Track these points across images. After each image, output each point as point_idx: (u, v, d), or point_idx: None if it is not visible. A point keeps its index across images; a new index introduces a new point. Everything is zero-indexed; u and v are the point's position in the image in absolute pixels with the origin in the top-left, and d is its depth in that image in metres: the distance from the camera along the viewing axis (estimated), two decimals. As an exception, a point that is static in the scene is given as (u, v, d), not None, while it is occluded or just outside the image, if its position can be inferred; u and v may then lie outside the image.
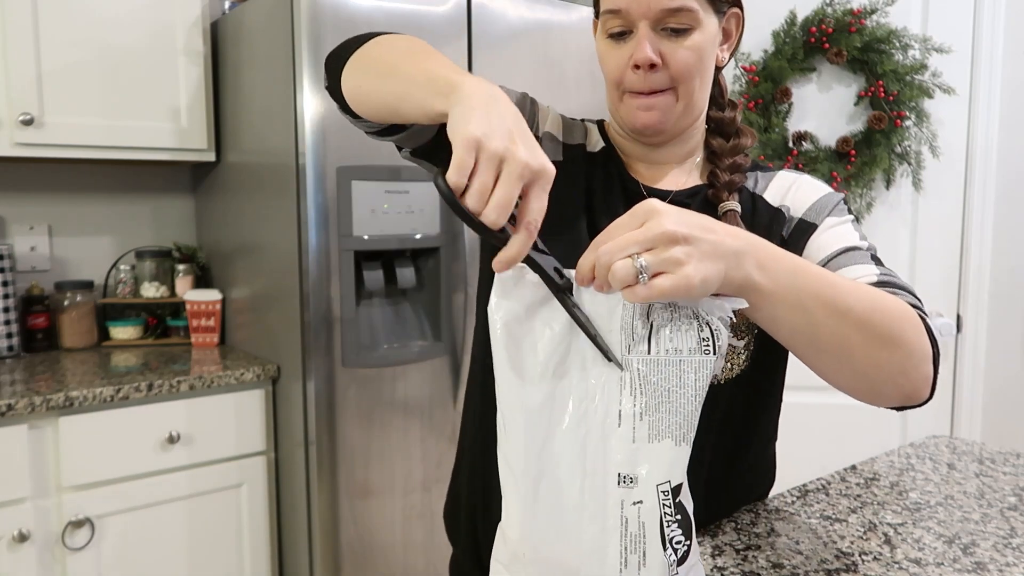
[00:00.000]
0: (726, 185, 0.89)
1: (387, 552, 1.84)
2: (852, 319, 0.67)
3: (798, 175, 0.93)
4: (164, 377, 1.74)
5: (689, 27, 0.82)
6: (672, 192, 0.91)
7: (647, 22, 0.81)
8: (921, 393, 0.72)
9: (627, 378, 0.62)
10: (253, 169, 1.96)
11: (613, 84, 0.87)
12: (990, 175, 2.05)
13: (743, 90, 2.08)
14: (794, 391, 2.13)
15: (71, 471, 1.64)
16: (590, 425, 0.63)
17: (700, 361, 0.61)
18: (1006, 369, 2.12)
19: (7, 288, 1.94)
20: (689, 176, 0.93)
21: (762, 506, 0.96)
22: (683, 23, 0.81)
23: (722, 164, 0.91)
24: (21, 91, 1.81)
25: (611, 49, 0.85)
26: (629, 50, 0.83)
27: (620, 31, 0.83)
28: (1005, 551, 0.82)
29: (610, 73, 0.86)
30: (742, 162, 0.91)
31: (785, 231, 0.89)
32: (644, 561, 0.61)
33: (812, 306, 0.66)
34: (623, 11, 0.81)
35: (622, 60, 0.84)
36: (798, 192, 0.90)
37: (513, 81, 1.91)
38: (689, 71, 0.83)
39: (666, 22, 0.81)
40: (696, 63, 0.83)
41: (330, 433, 1.75)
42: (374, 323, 1.85)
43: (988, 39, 2.01)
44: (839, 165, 2.03)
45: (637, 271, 0.57)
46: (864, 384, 0.71)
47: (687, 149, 0.93)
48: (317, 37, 1.67)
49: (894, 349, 0.69)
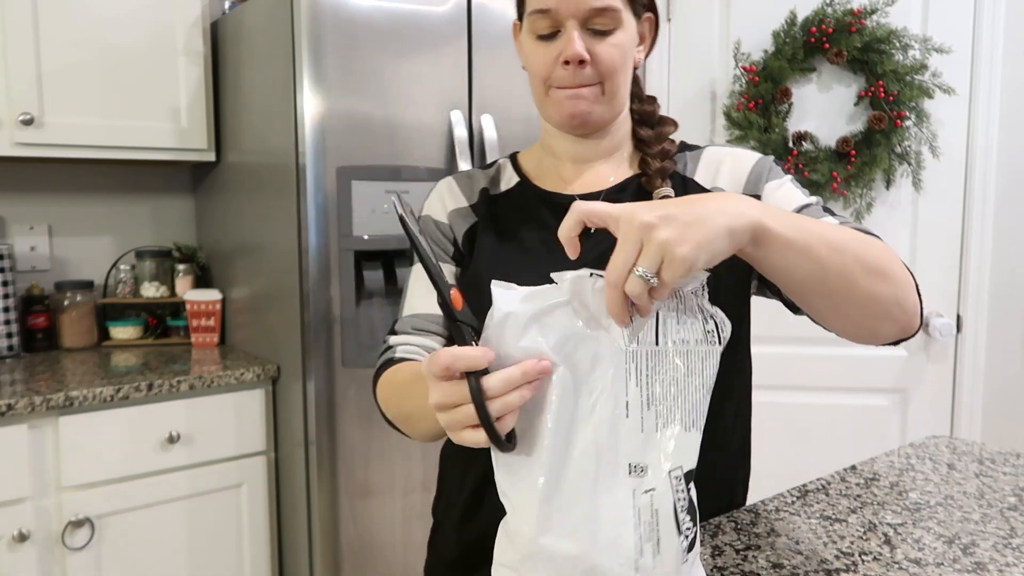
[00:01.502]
0: (658, 172, 0.92)
1: (387, 552, 1.84)
2: (850, 254, 0.70)
3: (725, 149, 0.96)
4: (164, 377, 1.74)
5: (613, 27, 0.87)
6: (602, 192, 0.94)
7: (575, 21, 0.86)
8: (914, 323, 0.77)
9: (633, 369, 0.62)
10: (253, 169, 1.96)
11: (540, 80, 0.90)
12: (990, 175, 2.05)
13: (743, 90, 2.08)
14: (794, 391, 2.15)
15: (71, 471, 1.64)
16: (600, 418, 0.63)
17: (707, 351, 0.63)
18: (1006, 369, 2.11)
19: (7, 288, 1.94)
20: (618, 169, 0.96)
21: (762, 506, 0.96)
22: (608, 23, 0.87)
23: (651, 151, 0.94)
24: (21, 91, 1.81)
25: (539, 48, 0.89)
26: (557, 48, 0.87)
27: (548, 31, 0.88)
28: (1005, 551, 0.82)
29: (538, 70, 0.90)
30: (669, 148, 0.95)
31: None
32: (658, 549, 0.61)
33: (816, 244, 0.68)
34: (552, 11, 0.86)
35: (550, 57, 0.88)
36: (731, 168, 0.93)
37: (512, 81, 1.92)
38: (615, 66, 0.88)
39: (593, 22, 0.86)
40: (620, 59, 0.88)
41: (330, 433, 1.75)
42: (374, 323, 1.85)
43: (988, 39, 2.01)
44: (839, 165, 2.03)
45: (645, 281, 0.58)
46: (867, 320, 0.74)
47: (614, 142, 0.96)
48: (317, 37, 1.67)
49: (888, 279, 0.73)
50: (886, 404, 2.14)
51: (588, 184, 0.95)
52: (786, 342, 2.02)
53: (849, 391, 2.13)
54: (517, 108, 1.94)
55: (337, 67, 1.69)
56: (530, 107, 2.03)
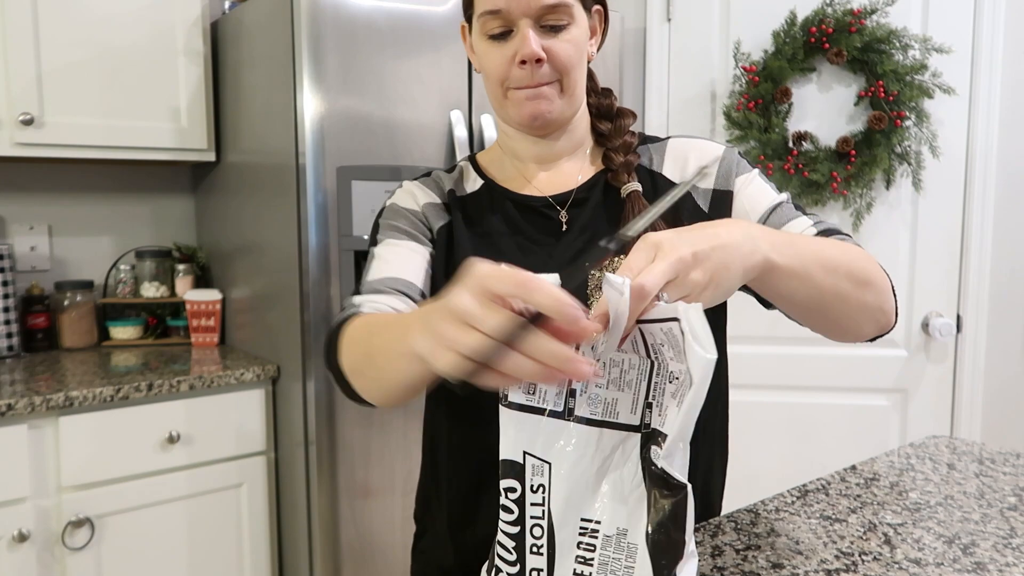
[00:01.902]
0: (624, 166, 0.92)
1: (387, 552, 1.84)
2: (842, 272, 0.74)
3: (690, 141, 0.96)
4: (164, 377, 1.74)
5: (566, 22, 0.86)
6: (572, 192, 0.93)
7: (528, 19, 0.85)
8: (891, 320, 0.83)
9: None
10: (253, 169, 1.96)
11: (497, 82, 0.89)
12: (990, 175, 2.05)
13: (743, 90, 2.08)
14: (794, 391, 2.15)
15: (71, 471, 1.64)
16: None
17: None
18: (1006, 369, 2.12)
19: (7, 288, 1.94)
20: (583, 165, 0.96)
21: (762, 506, 0.96)
22: (561, 19, 0.86)
23: (613, 144, 0.94)
24: (21, 91, 1.81)
25: (492, 49, 0.88)
26: (512, 48, 0.86)
27: (501, 31, 0.86)
28: (1005, 551, 0.82)
29: (493, 72, 0.88)
30: (631, 140, 0.94)
31: (704, 205, 0.91)
32: None
33: (813, 269, 0.72)
34: (503, 11, 0.85)
35: (505, 58, 0.86)
36: (699, 162, 0.93)
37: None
38: (571, 63, 0.87)
39: (546, 19, 0.85)
40: (576, 55, 0.88)
41: (330, 433, 1.75)
42: (374, 323, 1.85)
43: (988, 39, 2.01)
44: (839, 165, 2.03)
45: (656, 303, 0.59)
46: (853, 325, 0.80)
47: (576, 139, 0.96)
48: (317, 37, 1.67)
49: (872, 287, 0.78)
50: (886, 404, 2.14)
51: (557, 185, 0.94)
52: (786, 342, 2.02)
53: (849, 391, 2.13)
54: (517, 108, 1.94)
55: (337, 67, 1.69)
56: (530, 107, 2.02)
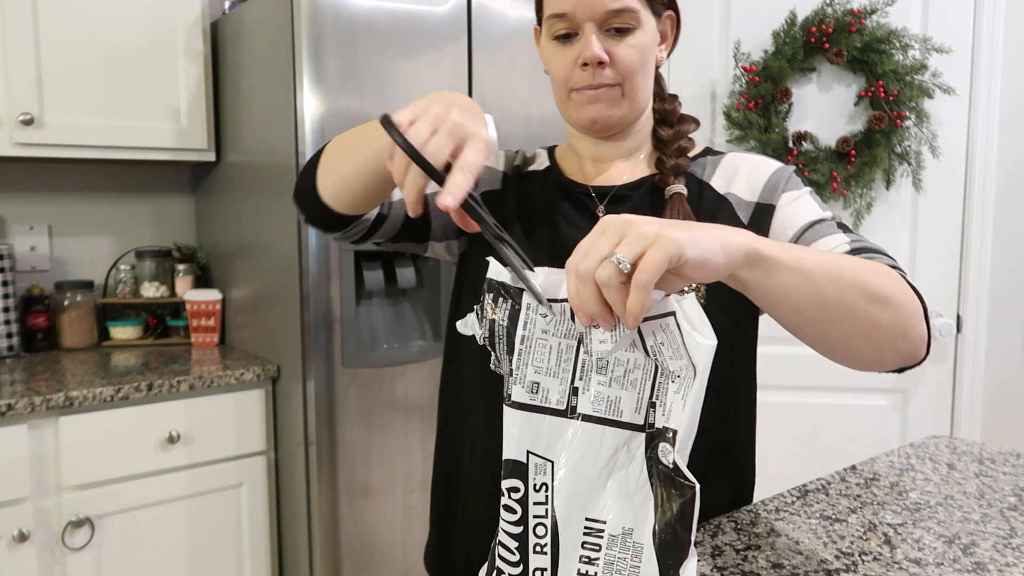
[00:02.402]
0: (672, 169, 0.92)
1: (387, 552, 1.84)
2: (848, 280, 0.68)
3: (744, 156, 0.95)
4: (164, 377, 1.74)
5: (631, 26, 0.86)
6: (615, 186, 0.94)
7: (593, 23, 0.85)
8: (919, 352, 0.74)
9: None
10: (253, 169, 1.96)
11: (561, 83, 0.90)
12: (990, 175, 2.05)
13: (743, 90, 2.08)
14: (794, 391, 2.14)
15: (71, 471, 1.64)
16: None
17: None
18: (1006, 369, 2.12)
19: (7, 288, 1.94)
20: (635, 168, 0.96)
21: (762, 506, 0.96)
22: (626, 23, 0.86)
23: (668, 150, 0.94)
24: (21, 91, 1.81)
25: (558, 51, 0.89)
26: (576, 50, 0.87)
27: (566, 33, 0.87)
28: (1005, 551, 0.82)
29: (558, 73, 0.90)
30: (687, 145, 0.95)
31: (744, 217, 0.90)
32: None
33: (812, 270, 0.66)
34: (569, 14, 0.85)
35: (569, 60, 0.87)
36: (748, 176, 0.92)
37: (512, 81, 1.92)
38: (633, 67, 0.87)
39: (610, 23, 0.85)
40: (640, 60, 0.88)
41: (330, 433, 1.75)
42: (374, 323, 1.85)
43: (988, 39, 2.01)
44: (839, 165, 2.03)
45: (616, 264, 0.54)
46: (868, 347, 0.71)
47: (635, 143, 0.96)
48: (317, 37, 1.67)
49: (891, 307, 0.70)
50: (886, 404, 2.14)
51: (605, 178, 0.96)
52: (786, 342, 2.00)
53: (849, 391, 2.13)
54: (517, 108, 1.95)
55: (337, 67, 1.69)
56: (530, 107, 2.03)
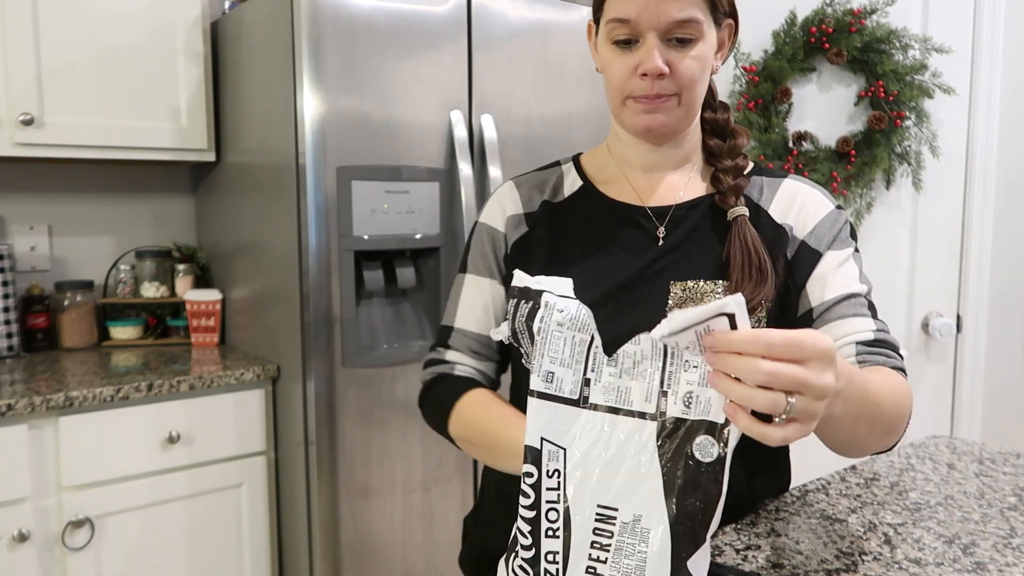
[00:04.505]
0: (733, 190, 0.91)
1: (387, 552, 1.84)
2: (882, 427, 0.78)
3: (802, 186, 0.94)
4: (164, 377, 1.74)
5: (694, 38, 0.85)
6: (672, 207, 0.93)
7: (655, 32, 0.83)
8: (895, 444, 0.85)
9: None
10: (253, 169, 1.96)
11: (617, 89, 0.88)
12: (990, 175, 2.05)
13: (743, 90, 2.08)
14: (794, 391, 2.14)
15: (71, 471, 1.64)
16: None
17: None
18: (1006, 369, 2.11)
19: (7, 288, 1.94)
20: (689, 183, 0.95)
21: (762, 506, 0.96)
22: (689, 34, 0.84)
23: (723, 166, 0.93)
24: (21, 91, 1.81)
25: (616, 56, 0.87)
26: (636, 58, 0.85)
27: (626, 39, 0.85)
28: (1005, 551, 0.82)
29: (615, 78, 0.88)
30: (743, 164, 0.94)
31: (790, 252, 0.91)
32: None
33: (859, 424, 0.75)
34: (632, 21, 0.84)
35: (628, 67, 0.86)
36: (802, 209, 0.92)
37: (512, 81, 1.92)
38: (693, 79, 0.86)
39: (673, 32, 0.84)
40: (700, 71, 0.86)
41: (330, 433, 1.75)
42: (374, 323, 1.85)
43: (988, 39, 2.01)
44: (839, 165, 2.03)
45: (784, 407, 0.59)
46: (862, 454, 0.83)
47: (684, 152, 0.95)
48: (317, 37, 1.67)
49: (895, 435, 0.82)
50: (886, 404, 2.14)
51: (660, 197, 0.94)
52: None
53: (849, 391, 2.13)
54: (517, 108, 1.95)
55: (337, 67, 1.69)
56: (530, 107, 2.03)
